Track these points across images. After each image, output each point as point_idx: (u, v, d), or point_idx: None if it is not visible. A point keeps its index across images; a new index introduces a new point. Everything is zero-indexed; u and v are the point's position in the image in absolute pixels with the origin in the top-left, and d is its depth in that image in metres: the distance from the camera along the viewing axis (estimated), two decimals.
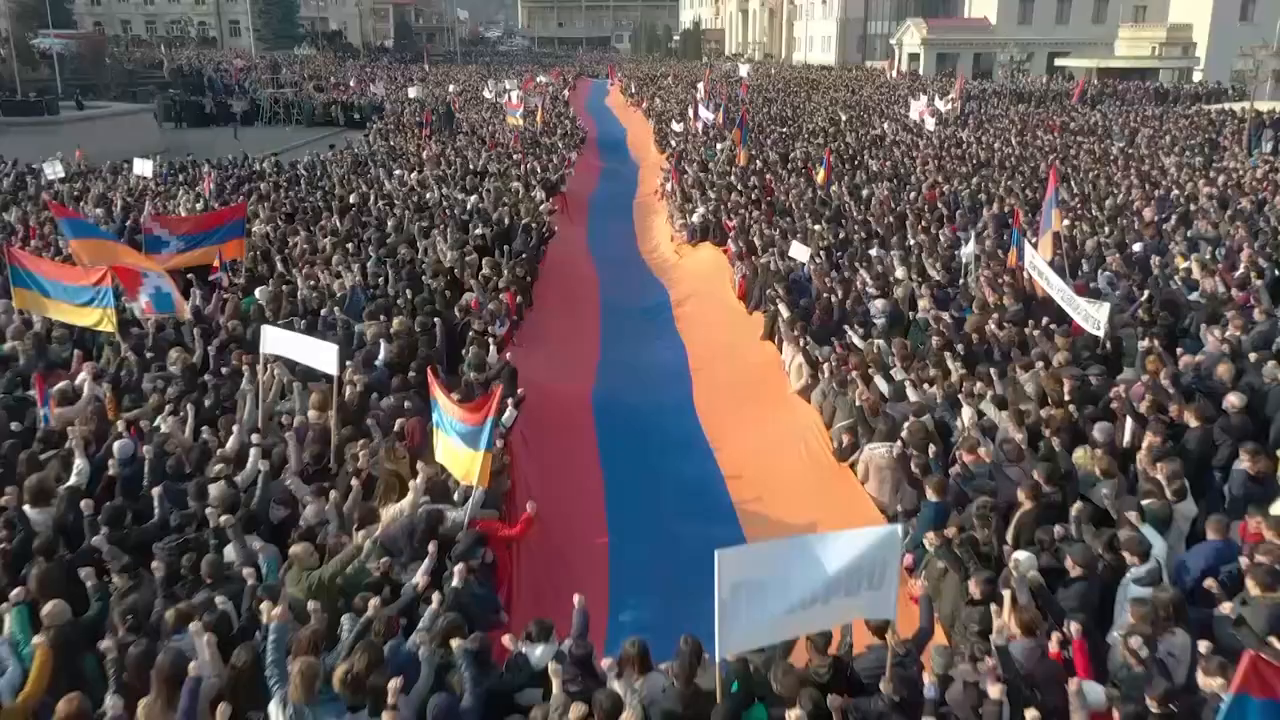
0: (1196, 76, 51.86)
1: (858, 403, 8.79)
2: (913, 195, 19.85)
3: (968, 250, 13.30)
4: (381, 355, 10.24)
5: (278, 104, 44.63)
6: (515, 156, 25.53)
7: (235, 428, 8.09)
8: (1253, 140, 25.19)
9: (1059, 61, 57.21)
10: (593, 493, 9.36)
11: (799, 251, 13.82)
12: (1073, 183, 21.70)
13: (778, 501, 8.79)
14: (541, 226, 17.05)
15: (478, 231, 16.19)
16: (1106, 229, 16.73)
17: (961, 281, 13.55)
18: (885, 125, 33.29)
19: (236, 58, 59.99)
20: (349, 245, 14.94)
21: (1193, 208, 18.08)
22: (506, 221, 17.03)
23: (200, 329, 10.59)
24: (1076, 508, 6.85)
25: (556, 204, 22.41)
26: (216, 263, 12.30)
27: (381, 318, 11.20)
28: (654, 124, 36.90)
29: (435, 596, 5.67)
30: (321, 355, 8.06)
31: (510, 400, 8.72)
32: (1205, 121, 31.73)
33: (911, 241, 15.50)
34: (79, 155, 25.11)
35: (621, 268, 18.51)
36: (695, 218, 18.01)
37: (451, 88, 50.60)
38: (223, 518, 6.41)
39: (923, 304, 11.77)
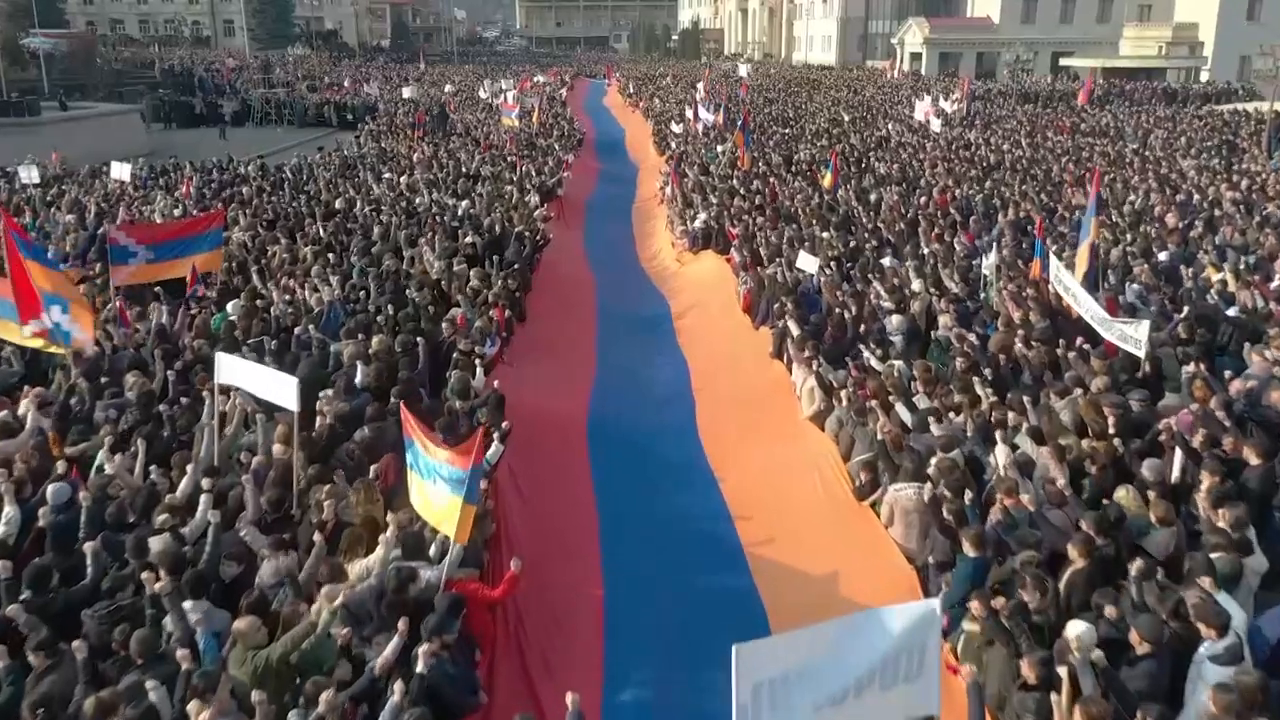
0: (1203, 76, 51.06)
1: (879, 435, 7.96)
2: (923, 200, 19.03)
3: (988, 262, 12.46)
4: (358, 378, 9.42)
5: (269, 104, 43.74)
6: (510, 159, 24.70)
7: (190, 467, 7.26)
8: (1273, 143, 24.37)
9: (1064, 61, 56.43)
10: (586, 533, 8.53)
11: (807, 262, 13.00)
12: (1088, 186, 20.89)
13: (791, 545, 7.96)
14: (535, 234, 16.22)
15: (468, 240, 15.37)
16: (1129, 236, 15.94)
17: (982, 295, 12.75)
18: (889, 126, 32.49)
19: (229, 57, 59.07)
20: (330, 255, 14.13)
21: (1216, 213, 17.29)
22: (499, 229, 16.20)
23: (162, 350, 9.76)
24: (1137, 567, 6.03)
25: (552, 209, 21.60)
26: (191, 277, 11.40)
27: (360, 336, 10.39)
28: (653, 125, 36.09)
29: (398, 687, 4.84)
30: (279, 389, 7.22)
31: (496, 434, 7.89)
32: (1219, 122, 30.93)
33: (925, 250, 14.68)
34: (55, 158, 24.24)
35: (620, 275, 17.68)
36: (697, 224, 17.19)
37: (448, 88, 49.79)
38: (158, 584, 5.58)
39: (943, 320, 10.94)
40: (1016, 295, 11.67)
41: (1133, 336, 9.50)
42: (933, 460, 7.46)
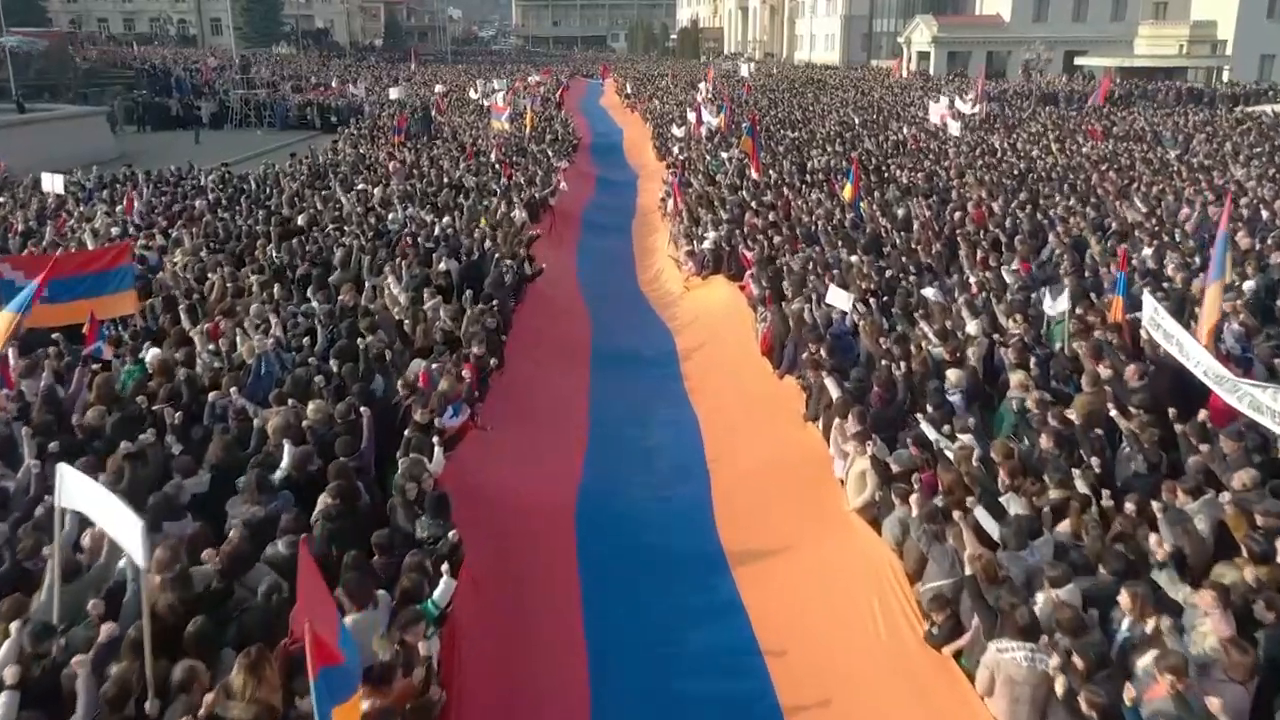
0: (1225, 75, 49.02)
1: (969, 569, 5.90)
2: (957, 215, 16.97)
3: (1060, 304, 10.34)
4: (284, 463, 7.36)
5: (248, 106, 41.60)
6: (496, 166, 22.58)
7: (15, 628, 5.19)
8: None
9: (1079, 60, 54.36)
10: (572, 674, 6.48)
11: (840, 298, 10.93)
12: (1136, 199, 18.88)
13: (845, 710, 5.91)
14: (521, 261, 14.11)
15: (441, 267, 13.30)
16: (1196, 259, 13.90)
17: (1047, 337, 10.69)
18: (904, 130, 30.43)
19: (210, 56, 56.89)
20: (279, 286, 12.05)
21: None
22: (478, 253, 14.13)
23: (37, 425, 7.69)
24: None
25: (544, 222, 19.55)
26: (90, 327, 9.25)
27: (291, 402, 8.33)
28: (652, 128, 34.02)
29: None
30: (123, 528, 5.11)
31: (445, 568, 5.83)
32: (1264, 126, 28.85)
33: (972, 279, 12.62)
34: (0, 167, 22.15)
35: (617, 304, 15.62)
36: (706, 245, 15.09)
37: (438, 88, 47.63)
38: None
39: (1015, 379, 8.87)
40: (1097, 349, 9.62)
41: (1270, 407, 7.43)
42: (1051, 611, 5.42)
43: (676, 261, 16.42)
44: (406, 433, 7.84)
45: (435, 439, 7.75)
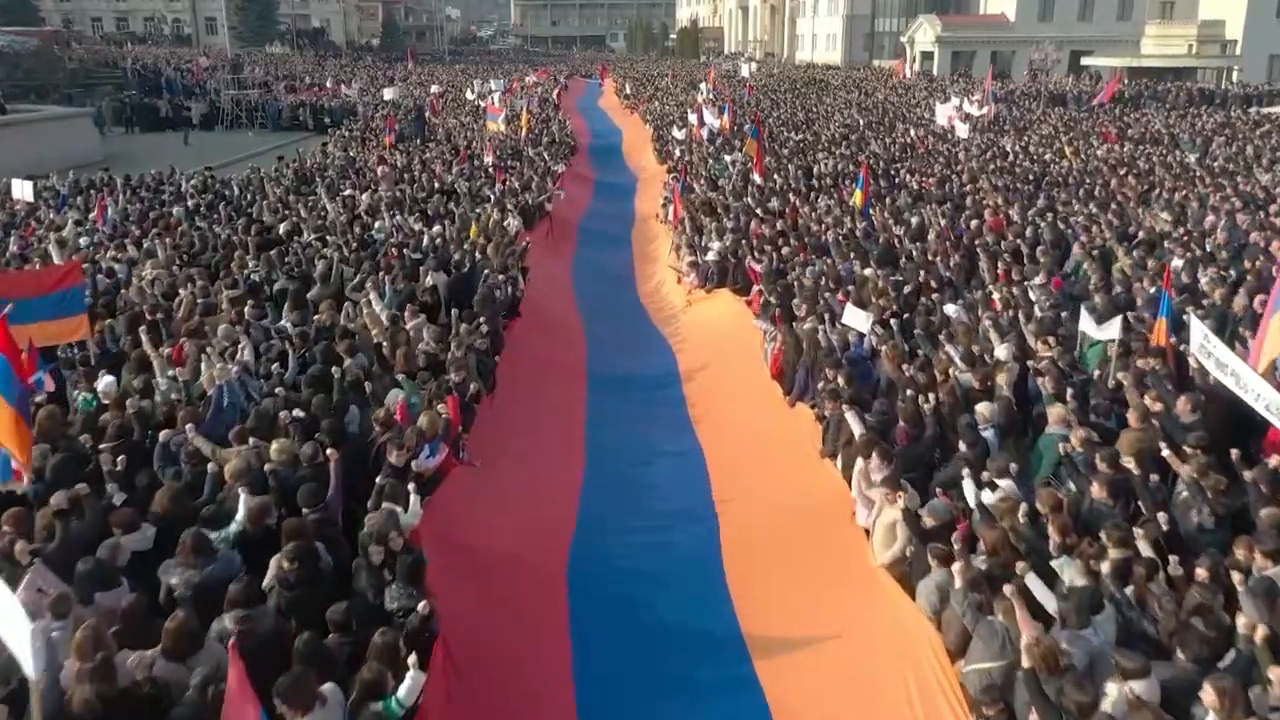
0: (1234, 76, 48.19)
1: (1025, 659, 5.04)
2: (973, 223, 16.12)
3: (1109, 330, 9.44)
4: (238, 515, 6.52)
5: (239, 107, 40.73)
6: (490, 171, 21.71)
7: None
8: None
9: (1086, 60, 53.52)
10: None
11: (857, 319, 10.08)
12: (1158, 206, 18.06)
13: None
14: (514, 277, 13.23)
15: (429, 281, 12.45)
16: (1232, 272, 13.07)
17: (1095, 371, 9.81)
18: (912, 132, 29.58)
19: (202, 56, 55.99)
20: (251, 304, 11.17)
21: None
22: (468, 265, 13.27)
23: None
24: None
25: (540, 229, 18.73)
26: (28, 359, 8.35)
27: (253, 441, 7.49)
28: (652, 130, 33.16)
29: None
30: (15, 636, 4.23)
31: (413, 660, 4.98)
32: None
33: (995, 295, 11.77)
34: None
35: (616, 319, 14.75)
36: (710, 257, 14.22)
37: (434, 89, 46.77)
38: None
39: (1054, 414, 8.02)
40: (1140, 376, 8.78)
41: None
42: (1111, 685, 4.59)
43: (678, 273, 15.56)
44: (379, 479, 6.99)
45: (411, 486, 6.89)
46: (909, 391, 8.59)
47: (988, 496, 6.91)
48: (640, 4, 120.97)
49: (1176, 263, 13.41)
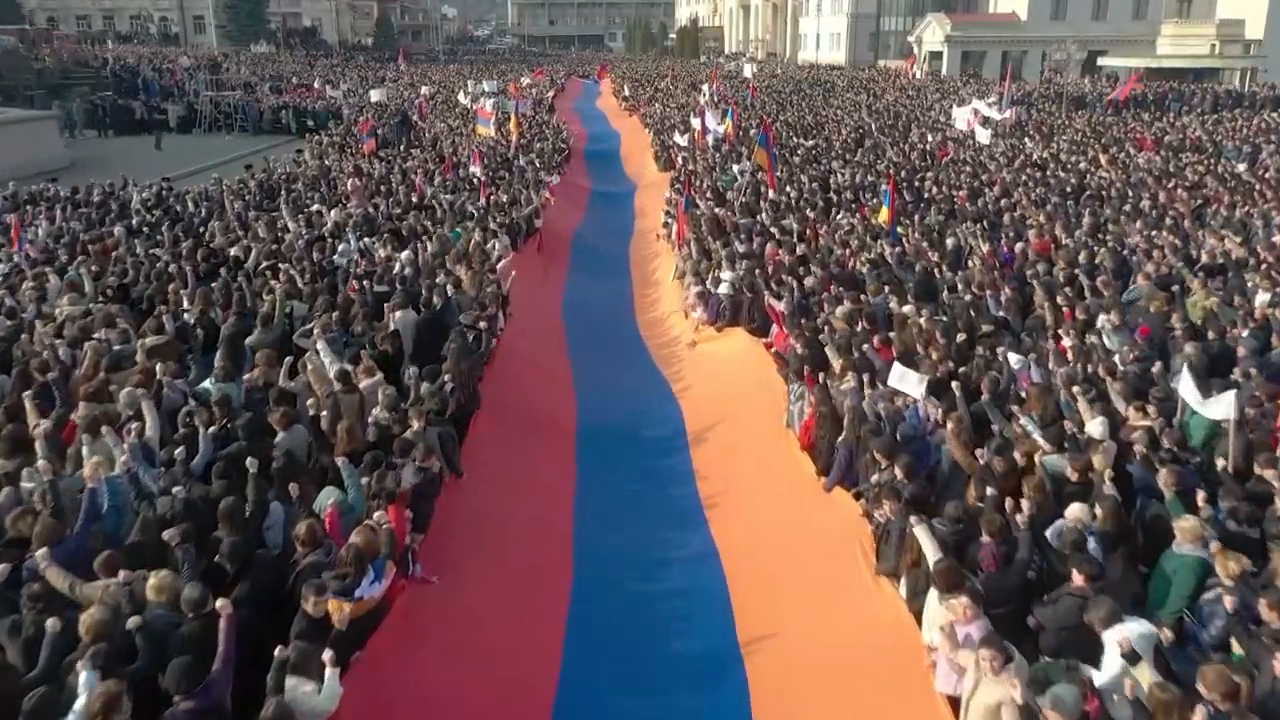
0: (1259, 77, 46.30)
1: None
2: (1018, 247, 14.23)
3: (1221, 406, 7.51)
4: (77, 704, 4.61)
5: (218, 109, 38.77)
6: (476, 181, 19.76)
7: None
8: None
9: (1103, 61, 51.62)
10: None
11: (907, 382, 8.17)
12: (1211, 220, 16.19)
13: None
14: (492, 314, 11.28)
15: (394, 321, 10.53)
16: None
17: (1186, 435, 7.95)
18: (929, 138, 27.68)
19: (184, 56, 53.97)
20: (171, 359, 9.25)
21: None
22: (440, 301, 11.34)
23: None
24: None
25: (528, 248, 16.83)
26: None
27: (123, 575, 5.60)
28: (652, 134, 31.24)
29: None
30: None
31: None
32: None
33: (1068, 343, 9.87)
34: None
35: (612, 360, 12.82)
36: (722, 289, 12.28)
37: (424, 90, 44.80)
38: None
39: (1185, 529, 6.09)
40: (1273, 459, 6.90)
41: None
42: None
43: (684, 307, 13.64)
44: (279, 652, 5.03)
45: (328, 656, 4.96)
46: (988, 491, 6.69)
47: (1115, 661, 5.01)
48: (639, 3, 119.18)
49: (1262, 296, 11.55)
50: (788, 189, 19.22)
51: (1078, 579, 5.64)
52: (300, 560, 6.05)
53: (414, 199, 17.87)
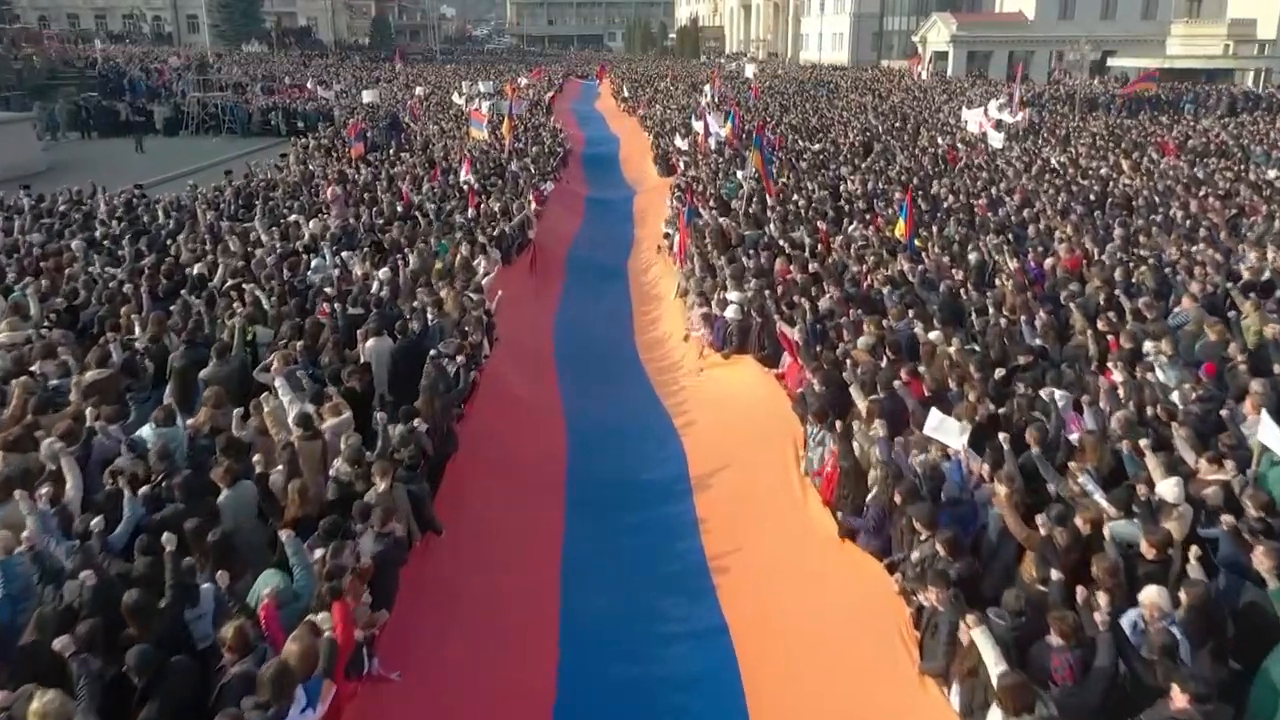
0: (1273, 78, 45.30)
1: None
2: (1048, 263, 13.18)
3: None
4: None
5: (205, 109, 37.69)
6: (466, 188, 18.66)
7: None
8: None
9: (1113, 61, 50.59)
10: None
11: (947, 432, 7.11)
12: (1248, 231, 15.15)
13: None
14: (477, 342, 10.20)
15: (367, 349, 9.47)
16: None
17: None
18: (940, 140, 26.64)
19: (174, 55, 52.85)
20: (95, 401, 8.18)
21: None
22: (419, 327, 10.29)
23: None
24: None
25: (520, 261, 15.79)
26: None
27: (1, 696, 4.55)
28: (652, 137, 30.19)
29: None
30: None
31: None
32: None
33: (1119, 377, 8.81)
34: None
35: (609, 389, 11.73)
36: (729, 312, 11.21)
37: (419, 90, 43.73)
38: None
39: None
40: None
41: None
42: None
43: (688, 329, 12.58)
44: None
45: None
46: (1053, 574, 5.64)
47: None
48: (638, 2, 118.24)
49: None
50: (795, 197, 18.15)
51: (1179, 700, 4.59)
52: (228, 668, 5.00)
53: (399, 208, 16.79)
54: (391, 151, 25.04)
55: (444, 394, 8.44)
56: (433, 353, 9.27)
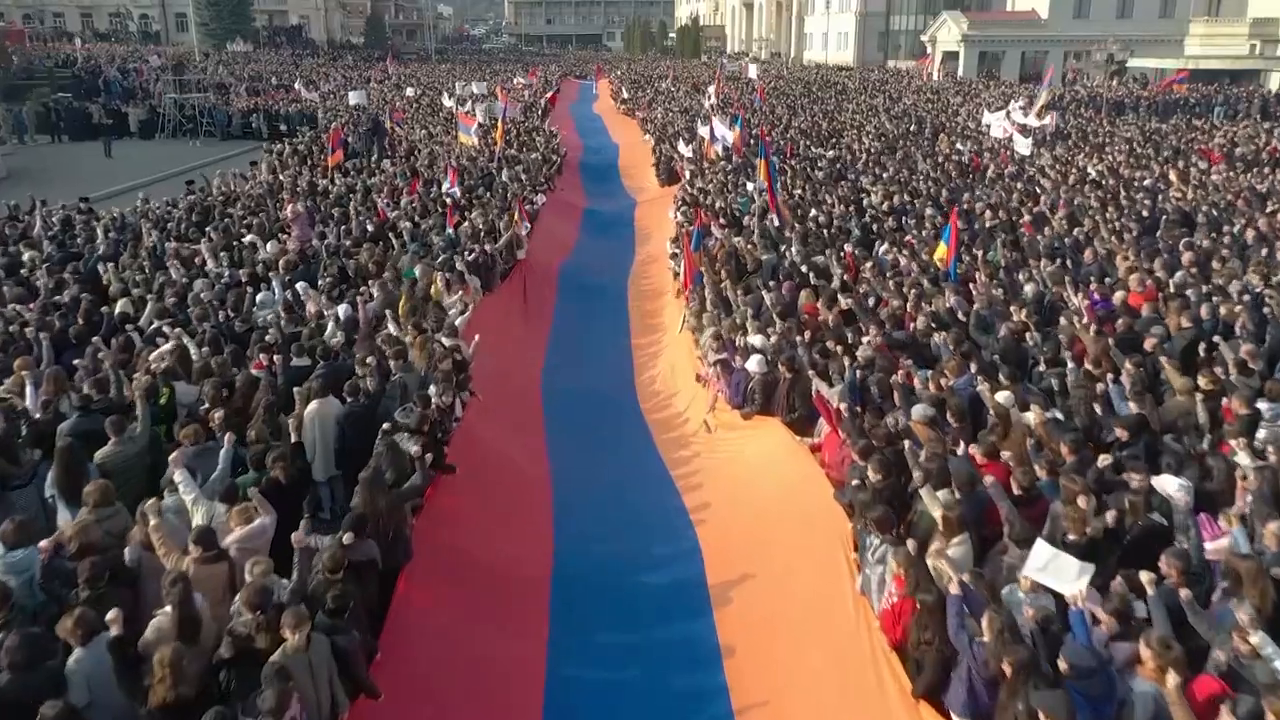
0: None
1: None
2: (1117, 295, 11.31)
3: None
4: None
5: (183, 111, 35.82)
6: (447, 201, 16.78)
7: None
8: None
9: (1133, 62, 48.74)
10: None
11: (1058, 574, 5.23)
12: None
13: None
14: (446, 405, 8.33)
15: (308, 414, 7.61)
16: None
17: None
18: (963, 147, 24.78)
19: (153, 54, 50.93)
20: None
21: None
22: (375, 389, 8.43)
23: None
24: None
25: (507, 287, 13.98)
26: None
27: None
28: (653, 141, 28.36)
29: None
30: None
31: None
32: None
33: (1245, 460, 6.95)
34: None
35: (607, 460, 9.79)
36: (752, 365, 9.32)
37: (408, 92, 41.87)
38: None
39: None
40: None
41: None
42: None
43: (699, 373, 10.72)
44: None
45: None
46: None
47: None
48: (638, 1, 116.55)
49: None
50: (814, 212, 16.27)
51: None
52: None
53: (369, 226, 14.93)
54: (373, 159, 23.16)
55: (387, 492, 6.54)
56: (386, 426, 7.38)
